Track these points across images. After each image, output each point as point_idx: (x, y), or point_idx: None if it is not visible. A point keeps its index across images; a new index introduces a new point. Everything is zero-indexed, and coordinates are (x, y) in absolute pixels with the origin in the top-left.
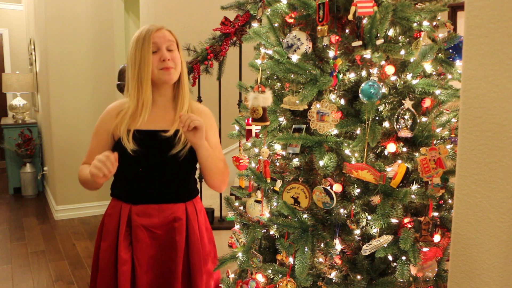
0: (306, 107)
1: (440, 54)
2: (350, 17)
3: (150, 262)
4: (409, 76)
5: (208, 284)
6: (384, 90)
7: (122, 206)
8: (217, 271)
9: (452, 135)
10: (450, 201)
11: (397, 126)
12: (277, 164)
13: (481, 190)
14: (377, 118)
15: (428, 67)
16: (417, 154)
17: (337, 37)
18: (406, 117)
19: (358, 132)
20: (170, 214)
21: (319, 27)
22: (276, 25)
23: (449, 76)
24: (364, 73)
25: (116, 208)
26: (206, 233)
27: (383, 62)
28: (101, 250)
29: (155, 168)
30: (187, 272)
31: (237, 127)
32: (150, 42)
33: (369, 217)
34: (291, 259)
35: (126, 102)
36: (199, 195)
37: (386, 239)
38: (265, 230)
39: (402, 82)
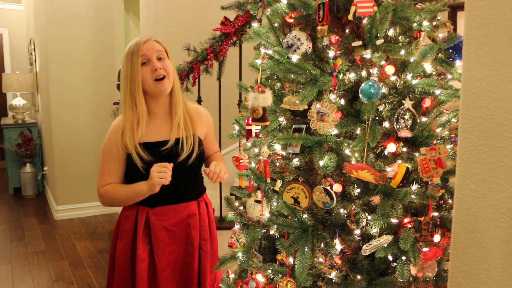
0: (306, 107)
1: (440, 54)
2: (350, 17)
3: (169, 258)
4: (409, 76)
5: (215, 275)
6: (384, 90)
7: (139, 209)
8: (219, 271)
9: (452, 135)
10: (450, 201)
11: (397, 126)
12: (277, 164)
13: (481, 190)
14: (377, 118)
15: (428, 67)
16: (417, 154)
17: (337, 37)
18: (406, 117)
19: (358, 132)
20: (185, 212)
21: (319, 27)
22: (276, 25)
23: (449, 76)
24: (364, 73)
25: (132, 210)
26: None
27: (383, 62)
28: (118, 249)
29: None
30: (199, 262)
31: (237, 127)
32: (139, 55)
33: (369, 217)
34: (291, 259)
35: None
36: (206, 191)
37: (386, 239)
38: (265, 230)
39: (402, 82)
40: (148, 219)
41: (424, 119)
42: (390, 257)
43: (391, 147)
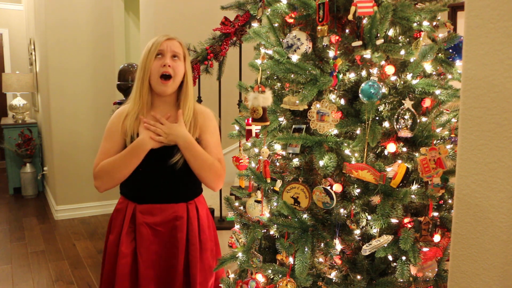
0: (306, 107)
1: (440, 54)
2: (350, 17)
3: (153, 258)
4: (409, 76)
5: (206, 280)
6: (384, 90)
7: (129, 204)
8: (220, 270)
9: (452, 135)
10: (450, 201)
11: (397, 126)
12: (277, 164)
13: (481, 190)
14: (377, 118)
15: (428, 67)
16: (417, 154)
17: (337, 37)
18: (406, 117)
19: (358, 132)
20: (172, 213)
21: (319, 27)
22: (276, 25)
23: (449, 76)
24: (364, 73)
25: (123, 204)
26: (208, 230)
27: (383, 62)
28: (109, 242)
29: (156, 172)
30: (187, 267)
31: (237, 127)
32: (156, 48)
33: (369, 217)
34: (291, 259)
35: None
36: (202, 193)
37: (386, 239)
38: (265, 230)
39: (402, 82)
40: (135, 216)
41: (424, 119)
42: (390, 257)
43: (391, 147)
